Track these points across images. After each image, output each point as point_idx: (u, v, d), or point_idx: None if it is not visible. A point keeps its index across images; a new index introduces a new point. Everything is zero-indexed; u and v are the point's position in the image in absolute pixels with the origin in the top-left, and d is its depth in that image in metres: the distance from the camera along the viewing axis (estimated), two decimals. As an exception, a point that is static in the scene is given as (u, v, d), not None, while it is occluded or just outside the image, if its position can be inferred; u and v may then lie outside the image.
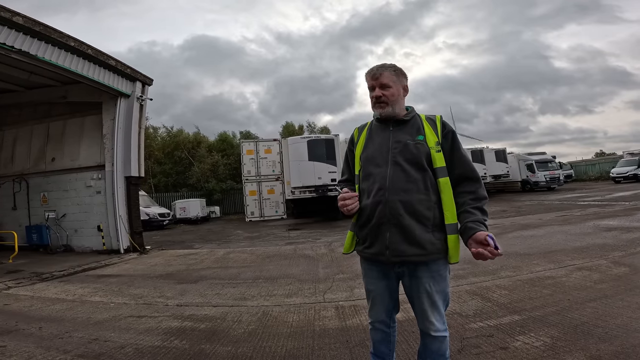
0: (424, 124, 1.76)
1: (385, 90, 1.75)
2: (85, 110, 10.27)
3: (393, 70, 1.77)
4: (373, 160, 1.77)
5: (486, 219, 1.63)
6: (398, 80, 1.78)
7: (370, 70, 1.79)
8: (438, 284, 1.67)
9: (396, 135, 1.76)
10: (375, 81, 1.76)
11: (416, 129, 1.75)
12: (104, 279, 6.18)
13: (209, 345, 2.99)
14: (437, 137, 1.72)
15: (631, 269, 4.15)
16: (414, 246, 1.63)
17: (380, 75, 1.75)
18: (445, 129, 1.74)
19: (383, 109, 1.76)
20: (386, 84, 1.75)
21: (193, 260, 7.58)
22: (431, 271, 1.66)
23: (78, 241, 9.95)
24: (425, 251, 1.63)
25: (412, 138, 1.72)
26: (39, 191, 10.57)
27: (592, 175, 32.09)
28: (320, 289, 4.55)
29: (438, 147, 1.69)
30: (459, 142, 1.76)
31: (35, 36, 7.15)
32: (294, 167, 15.23)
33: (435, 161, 1.67)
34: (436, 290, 1.66)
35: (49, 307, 4.52)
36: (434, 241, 1.63)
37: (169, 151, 31.02)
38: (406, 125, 1.78)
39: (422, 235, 1.62)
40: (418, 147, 1.69)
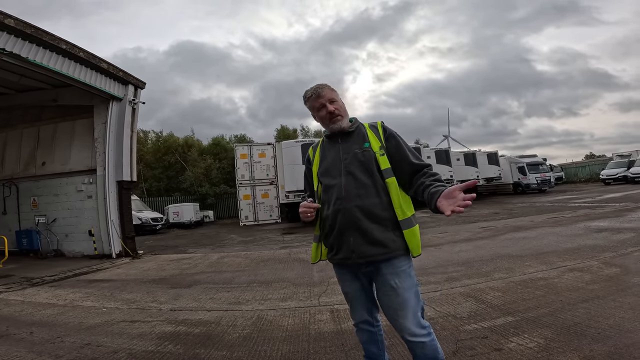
0: (367, 132, 1.86)
1: (335, 104, 1.86)
2: (76, 113, 10.17)
3: (331, 87, 1.90)
4: (328, 173, 1.87)
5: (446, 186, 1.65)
6: (337, 94, 1.91)
7: (312, 91, 1.88)
8: (403, 280, 1.72)
9: (345, 147, 1.86)
10: (322, 99, 1.86)
11: (361, 138, 1.85)
12: (96, 283, 6.10)
13: (203, 350, 2.96)
14: (380, 141, 1.82)
15: (622, 270, 4.20)
16: (375, 246, 1.70)
17: (325, 93, 1.86)
18: (386, 132, 1.86)
19: (341, 121, 1.87)
20: (333, 98, 1.87)
21: (187, 264, 7.51)
22: (394, 267, 1.72)
23: (69, 246, 9.82)
24: (387, 249, 1.70)
25: (359, 147, 1.82)
26: (29, 195, 10.44)
27: (583, 177, 32.52)
28: (315, 292, 4.54)
29: (382, 150, 1.80)
30: (401, 140, 1.85)
31: (26, 39, 7.09)
32: (288, 171, 15.23)
33: (381, 164, 1.77)
34: (403, 287, 1.71)
35: (40, 312, 4.45)
36: (394, 238, 1.71)
37: (159, 156, 30.82)
38: (352, 136, 1.88)
39: (381, 235, 1.70)
40: (365, 155, 1.79)
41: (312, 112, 1.96)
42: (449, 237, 8.17)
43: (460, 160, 23.28)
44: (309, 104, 1.93)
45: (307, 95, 1.91)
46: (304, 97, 1.94)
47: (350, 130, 1.89)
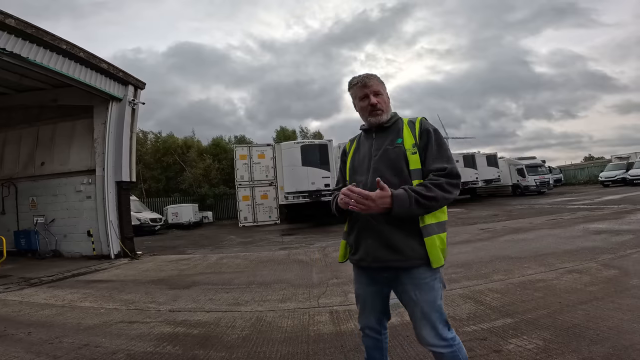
0: (403, 128, 1.74)
1: (379, 97, 1.75)
2: (75, 114, 10.16)
3: (379, 79, 1.80)
4: (358, 168, 1.80)
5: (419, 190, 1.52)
6: (384, 88, 1.81)
7: (359, 79, 1.78)
8: (424, 293, 1.61)
9: (378, 143, 1.76)
10: (368, 89, 1.75)
11: (395, 133, 1.74)
12: (94, 284, 6.09)
13: (202, 351, 2.96)
14: (414, 138, 1.69)
15: (621, 272, 4.21)
16: (391, 252, 1.61)
17: (372, 84, 1.75)
18: (422, 128, 1.70)
19: (380, 116, 1.76)
20: (378, 91, 1.76)
21: (185, 265, 7.50)
22: (414, 278, 1.62)
23: (67, 246, 9.79)
24: (403, 256, 1.60)
25: (391, 143, 1.72)
26: (28, 196, 10.42)
27: (581, 179, 32.58)
28: (314, 293, 4.54)
29: (414, 148, 1.67)
30: (435, 139, 1.68)
31: (27, 39, 7.09)
32: (288, 172, 15.21)
33: (411, 163, 1.65)
34: (423, 300, 1.61)
35: (38, 312, 4.44)
36: (414, 246, 1.59)
37: (159, 157, 30.81)
38: (387, 132, 1.77)
39: (400, 241, 1.60)
40: (395, 151, 1.68)
41: (354, 101, 1.85)
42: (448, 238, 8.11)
43: (460, 162, 23.25)
44: (352, 91, 1.83)
45: (353, 82, 1.81)
46: (349, 83, 1.84)
47: (386, 125, 1.78)
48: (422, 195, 1.51)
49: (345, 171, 1.94)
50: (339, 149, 16.47)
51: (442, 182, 1.55)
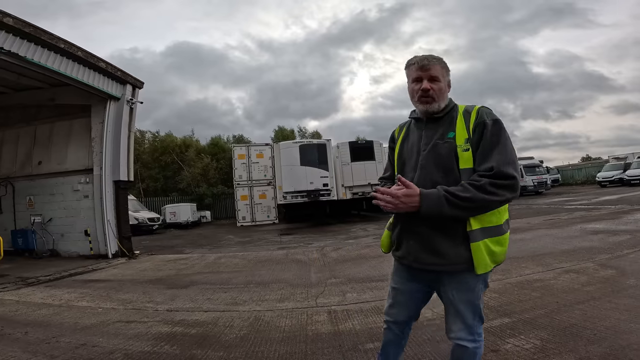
0: (457, 119, 1.56)
1: (434, 84, 1.57)
2: (73, 113, 10.13)
3: (443, 64, 1.61)
4: (406, 162, 1.71)
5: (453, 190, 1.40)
6: (446, 74, 1.63)
7: (418, 60, 1.60)
8: (463, 293, 1.56)
9: (427, 135, 1.62)
10: (425, 72, 1.58)
11: (448, 125, 1.58)
12: (92, 284, 6.07)
13: (200, 351, 2.96)
14: (468, 131, 1.50)
15: (618, 272, 4.22)
16: (433, 255, 1.54)
17: (430, 67, 1.57)
18: (477, 119, 1.50)
19: (430, 105, 1.59)
20: (436, 77, 1.58)
21: (183, 265, 7.49)
22: (456, 282, 1.56)
23: (64, 246, 9.76)
24: (444, 260, 1.52)
25: (441, 137, 1.56)
26: (25, 195, 10.37)
27: (579, 179, 32.66)
28: (312, 293, 4.54)
29: (467, 144, 1.49)
30: (491, 133, 1.47)
31: (24, 37, 7.05)
32: (286, 172, 15.21)
33: (461, 161, 1.49)
34: (459, 299, 1.57)
35: (35, 312, 4.42)
36: (459, 251, 1.49)
37: (157, 156, 30.74)
38: (439, 122, 1.61)
39: (442, 244, 1.51)
40: (446, 147, 1.53)
41: (407, 80, 1.67)
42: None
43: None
44: (407, 71, 1.65)
45: (411, 62, 1.63)
46: (407, 62, 1.66)
47: (438, 115, 1.61)
48: (456, 195, 1.38)
49: (393, 160, 1.83)
50: (337, 148, 16.49)
51: (483, 183, 1.39)
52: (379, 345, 2.75)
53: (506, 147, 1.46)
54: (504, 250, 1.55)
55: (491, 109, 1.56)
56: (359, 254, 7.19)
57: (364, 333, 3.08)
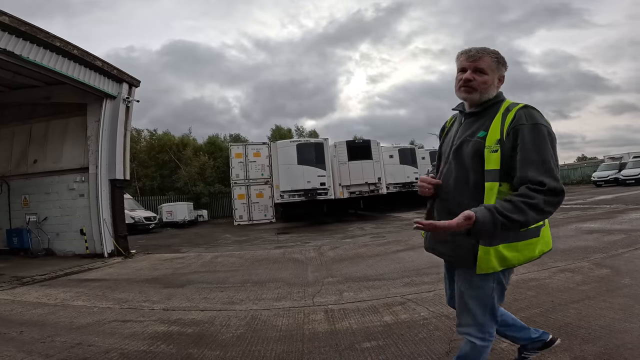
0: (495, 117, 1.51)
1: (479, 76, 1.56)
2: (69, 111, 10.07)
3: (495, 57, 1.59)
4: (442, 155, 1.76)
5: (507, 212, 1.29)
6: (497, 68, 1.59)
7: (467, 50, 1.61)
8: (471, 290, 1.57)
9: (462, 130, 1.62)
10: (471, 63, 1.57)
11: (483, 123, 1.55)
12: (87, 283, 6.04)
13: (196, 350, 2.95)
14: (501, 133, 1.45)
15: (613, 271, 4.25)
16: (444, 245, 1.63)
17: (479, 59, 1.56)
18: (513, 121, 1.44)
19: (469, 94, 1.58)
20: (483, 69, 1.56)
21: (180, 264, 7.47)
22: (464, 276, 1.59)
23: (60, 245, 9.70)
24: (452, 253, 1.60)
25: (472, 134, 1.55)
26: (20, 194, 10.30)
27: (574, 179, 32.83)
28: (309, 292, 4.54)
29: (496, 146, 1.44)
30: (532, 139, 1.40)
31: (20, 36, 7.00)
32: (283, 171, 15.19)
33: (487, 162, 1.46)
34: (468, 295, 1.58)
35: (30, 311, 4.40)
36: (465, 247, 1.50)
37: (153, 154, 30.62)
38: (476, 118, 1.60)
39: (455, 237, 1.53)
40: (472, 146, 1.52)
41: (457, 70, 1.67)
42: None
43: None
44: (457, 61, 1.65)
45: (461, 52, 1.63)
46: (459, 52, 1.66)
47: (477, 110, 1.60)
48: (511, 219, 1.29)
49: (440, 150, 1.83)
50: (335, 147, 16.50)
51: (538, 202, 1.30)
52: (376, 344, 2.78)
53: (550, 157, 1.38)
54: (520, 256, 1.50)
55: (536, 110, 1.49)
56: (356, 253, 7.20)
57: (361, 332, 3.09)
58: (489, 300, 1.58)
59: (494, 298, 1.58)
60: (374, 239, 9.01)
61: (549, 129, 1.44)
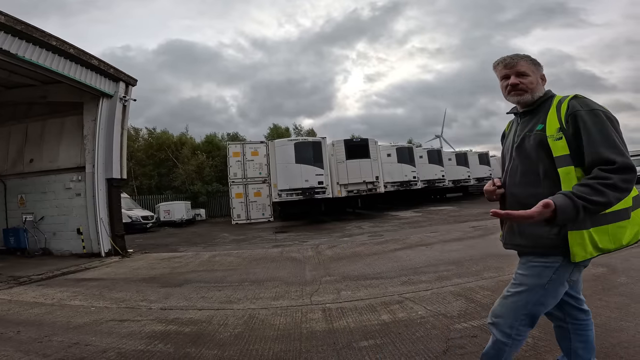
0: (550, 110, 1.59)
1: (522, 78, 1.66)
2: (65, 110, 10.03)
3: (530, 60, 1.69)
4: (505, 156, 1.82)
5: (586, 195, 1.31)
6: (535, 69, 1.69)
7: (503, 59, 1.72)
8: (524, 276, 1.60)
9: (521, 128, 1.70)
10: (510, 69, 1.68)
11: (539, 118, 1.62)
12: (84, 282, 6.03)
13: (194, 349, 2.95)
14: (560, 122, 1.52)
15: (609, 269, 4.27)
16: (521, 237, 1.63)
17: (515, 64, 1.67)
18: (569, 109, 1.51)
19: (522, 96, 1.67)
20: (523, 72, 1.66)
21: (177, 263, 7.46)
22: (527, 260, 1.61)
23: (57, 244, 9.67)
24: (529, 242, 1.59)
25: (531, 129, 1.63)
26: (17, 193, 10.26)
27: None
28: (307, 291, 4.54)
29: (559, 134, 1.50)
30: (593, 122, 1.45)
31: (16, 35, 6.96)
32: (281, 170, 15.18)
33: (554, 150, 1.50)
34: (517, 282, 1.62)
35: (27, 311, 4.39)
36: (549, 236, 1.51)
37: (151, 153, 30.52)
38: (532, 115, 1.68)
39: (532, 228, 1.56)
40: (534, 139, 1.58)
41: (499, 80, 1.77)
42: (440, 236, 8.23)
43: (452, 160, 23.52)
44: (495, 71, 1.76)
45: (496, 62, 1.74)
46: (493, 63, 1.77)
47: (530, 108, 1.69)
48: (591, 201, 1.31)
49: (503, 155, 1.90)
50: (333, 146, 16.50)
51: (614, 181, 1.33)
52: (374, 343, 2.78)
53: (614, 136, 1.42)
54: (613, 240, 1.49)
55: (588, 98, 1.56)
56: (354, 251, 7.21)
57: (359, 331, 3.09)
58: (533, 293, 1.57)
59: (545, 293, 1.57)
60: (372, 238, 9.02)
61: (605, 112, 1.49)
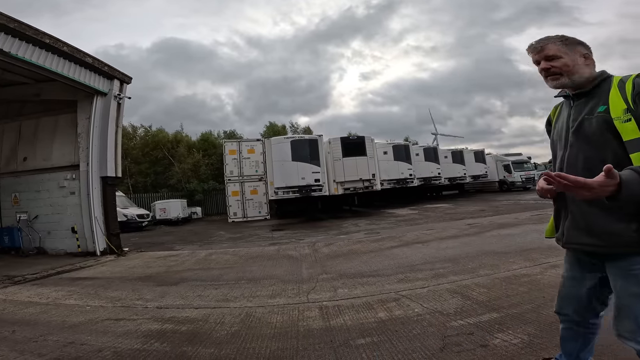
0: (611, 91, 1.44)
1: (554, 62, 1.55)
2: (59, 108, 9.94)
3: (559, 41, 1.56)
4: (556, 142, 1.68)
5: None
6: (570, 49, 1.54)
7: (530, 45, 1.63)
8: (629, 284, 1.39)
9: (576, 111, 1.55)
10: (539, 54, 1.59)
11: (599, 99, 1.47)
12: (79, 281, 5.99)
13: (190, 348, 2.94)
14: (627, 102, 1.37)
15: (602, 266, 4.31)
16: (591, 235, 1.44)
17: (543, 48, 1.58)
18: (635, 89, 1.37)
19: (557, 80, 1.56)
20: (553, 55, 1.55)
21: (173, 262, 7.43)
22: (620, 267, 1.41)
23: (51, 243, 9.60)
24: (604, 242, 1.41)
25: (591, 111, 1.47)
26: (10, 192, 10.16)
27: (566, 176, 33.20)
28: (303, 289, 4.55)
29: (627, 115, 1.35)
30: None
31: (9, 33, 6.88)
32: (278, 168, 15.17)
33: (623, 133, 1.35)
34: (626, 292, 1.40)
35: (22, 310, 4.36)
36: (626, 232, 1.34)
37: (147, 151, 30.36)
38: (588, 97, 1.53)
39: (607, 225, 1.38)
40: (596, 121, 1.43)
41: None
42: (436, 234, 8.26)
43: (448, 158, 23.61)
44: (531, 57, 1.65)
45: (527, 47, 1.64)
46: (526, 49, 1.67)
47: (586, 89, 1.53)
48: None
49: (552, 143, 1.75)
50: (329, 144, 16.49)
51: None
52: (370, 341, 2.79)
53: None
54: None
55: None
56: (351, 249, 7.22)
57: (356, 329, 3.10)
58: None
59: None
60: (368, 235, 9.04)
61: None
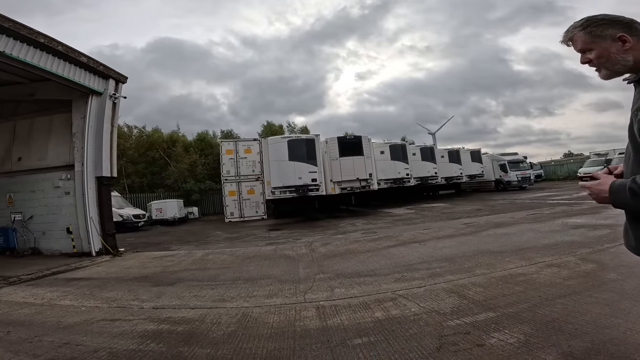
0: None
1: (587, 55, 1.40)
2: (54, 108, 9.86)
3: (581, 30, 1.39)
4: None
5: None
6: (597, 37, 1.36)
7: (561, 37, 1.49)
8: None
9: (636, 102, 1.31)
10: (574, 47, 1.44)
11: None
12: (75, 282, 5.95)
13: (187, 348, 2.93)
14: None
15: (598, 266, 4.34)
16: (637, 241, 1.33)
17: (571, 42, 1.44)
18: None
19: (600, 73, 1.40)
20: (582, 48, 1.41)
21: (170, 262, 7.40)
22: None
23: (46, 244, 9.52)
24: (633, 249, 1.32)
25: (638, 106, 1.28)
26: (5, 192, 10.06)
27: (561, 175, 33.36)
28: (300, 289, 4.54)
29: None
30: None
31: (3, 32, 6.82)
32: (274, 167, 15.13)
33: None
34: None
35: (17, 311, 4.32)
36: None
37: (143, 151, 30.20)
38: None
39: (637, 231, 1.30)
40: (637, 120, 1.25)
41: None
42: (433, 233, 8.28)
43: (445, 158, 23.66)
44: None
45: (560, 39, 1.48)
46: None
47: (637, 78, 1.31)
48: None
49: None
50: (326, 143, 16.48)
51: None
52: (367, 341, 2.79)
53: None
54: None
55: None
56: (347, 249, 7.22)
57: (352, 328, 3.10)
58: None
59: None
60: (365, 235, 9.04)
61: None
